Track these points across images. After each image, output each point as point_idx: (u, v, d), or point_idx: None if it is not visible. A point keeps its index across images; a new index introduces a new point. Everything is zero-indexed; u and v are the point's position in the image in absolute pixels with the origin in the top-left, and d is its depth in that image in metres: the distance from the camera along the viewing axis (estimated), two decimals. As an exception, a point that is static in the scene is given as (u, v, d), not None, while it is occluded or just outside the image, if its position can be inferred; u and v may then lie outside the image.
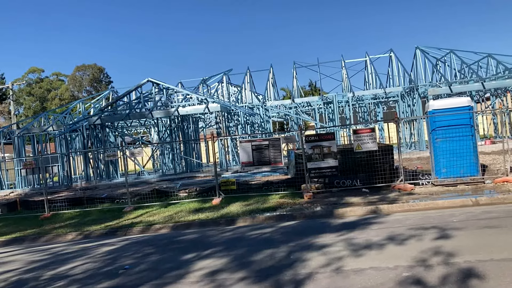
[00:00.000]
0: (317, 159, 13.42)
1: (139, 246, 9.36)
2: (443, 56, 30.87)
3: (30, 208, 16.47)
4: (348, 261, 6.42)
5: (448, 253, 6.27)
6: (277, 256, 7.14)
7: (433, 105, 12.93)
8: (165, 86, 26.97)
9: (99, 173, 26.58)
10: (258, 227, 10.20)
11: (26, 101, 79.62)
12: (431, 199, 11.01)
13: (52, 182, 28.04)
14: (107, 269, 7.49)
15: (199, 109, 25.57)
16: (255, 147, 14.79)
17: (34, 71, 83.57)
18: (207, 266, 6.96)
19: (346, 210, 10.70)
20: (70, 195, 19.98)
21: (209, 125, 36.50)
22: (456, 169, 12.34)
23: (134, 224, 11.90)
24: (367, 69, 34.14)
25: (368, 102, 33.34)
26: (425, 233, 7.65)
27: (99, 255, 8.74)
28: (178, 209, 13.25)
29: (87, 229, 11.98)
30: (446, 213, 9.44)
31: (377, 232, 8.23)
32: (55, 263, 8.44)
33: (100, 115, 26.66)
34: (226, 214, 11.71)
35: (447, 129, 12.37)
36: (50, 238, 11.67)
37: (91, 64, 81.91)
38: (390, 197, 11.82)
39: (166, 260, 7.75)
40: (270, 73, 34.02)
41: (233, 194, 14.15)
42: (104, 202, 15.89)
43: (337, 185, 13.58)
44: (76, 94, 77.75)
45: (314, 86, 63.89)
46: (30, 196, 22.17)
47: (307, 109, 34.63)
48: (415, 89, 28.12)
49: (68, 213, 14.77)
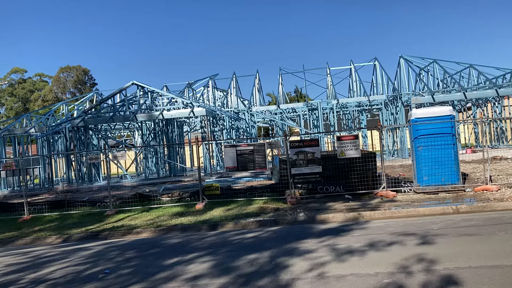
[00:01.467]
0: (301, 165, 13.47)
1: (120, 250, 9.27)
2: (427, 65, 31.36)
3: (9, 210, 16.15)
4: (329, 267, 6.45)
5: (428, 260, 6.35)
6: (259, 262, 7.13)
7: (415, 114, 13.10)
8: (150, 89, 26.84)
9: (81, 176, 26.27)
10: (241, 232, 10.18)
11: (8, 101, 78.40)
12: (413, 206, 11.13)
13: (33, 185, 27.60)
14: (87, 273, 7.39)
15: (184, 113, 25.49)
16: (240, 152, 14.79)
17: (16, 71, 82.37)
18: (189, 271, 6.92)
19: (329, 216, 10.75)
20: (51, 197, 19.69)
21: (194, 129, 36.39)
22: (437, 177, 12.50)
23: (115, 228, 11.77)
24: (352, 77, 34.51)
25: (352, 109, 33.64)
26: (406, 240, 7.73)
27: (79, 259, 8.62)
28: (160, 213, 13.15)
29: (67, 232, 11.81)
30: (427, 221, 9.55)
31: (358, 238, 8.29)
32: (34, 266, 8.30)
33: (83, 117, 26.38)
34: (209, 219, 11.66)
35: (429, 137, 12.54)
36: (29, 241, 11.47)
37: (76, 66, 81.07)
38: (372, 204, 11.92)
39: (147, 264, 7.68)
40: (256, 79, 34.14)
41: (217, 199, 14.10)
42: (85, 206, 15.68)
43: (320, 191, 13.64)
44: (60, 96, 76.83)
45: (299, 92, 64.22)
46: (10, 198, 21.79)
47: (292, 115, 34.80)
48: (399, 98, 28.47)
49: (48, 216, 14.54)
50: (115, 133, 37.38)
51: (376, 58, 32.83)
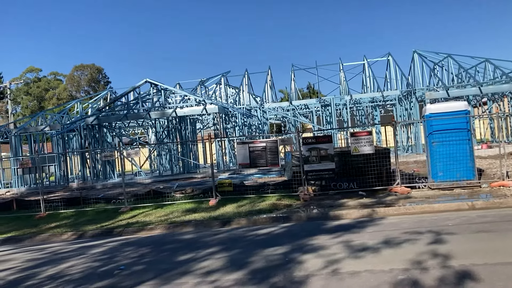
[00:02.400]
0: (314, 162, 13.43)
1: (135, 246, 9.35)
2: (441, 60, 31.00)
3: (26, 207, 16.41)
4: (343, 264, 6.43)
5: (443, 257, 6.29)
6: (272, 258, 7.14)
7: (430, 109, 12.97)
8: (163, 87, 26.97)
9: (96, 173, 26.54)
10: (254, 228, 10.20)
11: (23, 100, 79.46)
12: (427, 202, 11.03)
13: (48, 182, 27.98)
14: (102, 269, 7.47)
15: (197, 110, 25.56)
16: (252, 148, 14.79)
17: (31, 70, 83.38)
18: (202, 267, 6.96)
19: (342, 213, 10.70)
20: (66, 195, 19.95)
21: (206, 126, 36.50)
22: (452, 173, 12.36)
23: (130, 224, 11.88)
24: (365, 73, 34.24)
25: (365, 105, 33.41)
26: (421, 236, 7.67)
27: (95, 255, 8.72)
28: (174, 209, 13.24)
29: (82, 229, 11.95)
30: (442, 217, 9.45)
31: (372, 235, 8.25)
32: (51, 262, 8.42)
33: (97, 115, 26.62)
34: (222, 215, 11.70)
35: (444, 133, 12.40)
36: (45, 238, 11.63)
37: (90, 64, 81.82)
38: (386, 200, 11.84)
39: (161, 260, 7.74)
40: (268, 75, 34.07)
41: (229, 196, 14.14)
42: (100, 202, 15.86)
43: (333, 187, 13.59)
44: (74, 94, 77.64)
45: (312, 88, 63.96)
46: (26, 195, 22.12)
47: (304, 111, 34.68)
48: (413, 93, 28.19)
49: (64, 213, 14.74)
50: (129, 130, 37.64)
51: (390, 53, 32.53)
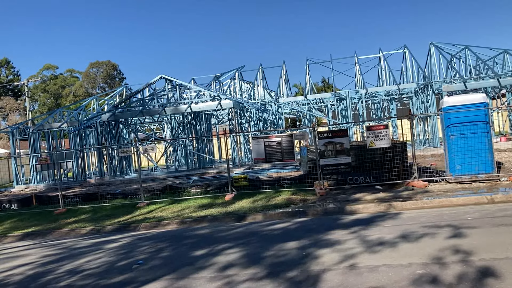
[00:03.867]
0: (329, 156, 13.37)
1: (152, 241, 9.43)
2: (458, 52, 30.47)
3: (45, 203, 16.68)
4: (361, 258, 6.39)
5: (463, 251, 6.20)
6: (289, 253, 7.13)
7: (447, 102, 12.78)
8: (178, 83, 27.07)
9: (113, 169, 26.82)
10: (270, 223, 10.20)
11: (41, 97, 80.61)
12: (445, 196, 10.90)
13: (66, 178, 28.35)
14: (121, 264, 7.56)
15: (212, 105, 25.62)
16: (267, 143, 14.78)
17: (48, 68, 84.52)
18: (219, 261, 6.99)
19: (359, 207, 10.64)
20: (84, 190, 20.21)
21: (221, 121, 36.57)
22: (470, 166, 12.18)
23: (146, 219, 11.99)
24: (381, 66, 33.88)
25: (381, 98, 33.10)
26: (439, 230, 7.58)
27: (113, 250, 8.83)
28: (190, 204, 13.31)
29: (100, 224, 12.10)
30: (461, 211, 9.33)
31: (390, 229, 8.18)
32: (70, 257, 8.55)
33: (113, 111, 26.87)
34: (238, 210, 11.73)
35: (462, 125, 12.22)
36: (64, 233, 11.81)
37: (105, 61, 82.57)
38: (403, 194, 11.73)
39: (179, 255, 7.79)
40: (283, 70, 33.94)
41: (245, 190, 14.16)
42: (117, 198, 16.02)
43: (350, 182, 13.51)
44: (90, 91, 78.46)
45: (327, 82, 63.64)
46: (45, 191, 22.48)
47: (319, 105, 34.50)
48: (429, 86, 27.82)
49: (82, 209, 14.93)
50: (145, 126, 37.92)
51: (406, 45, 32.15)
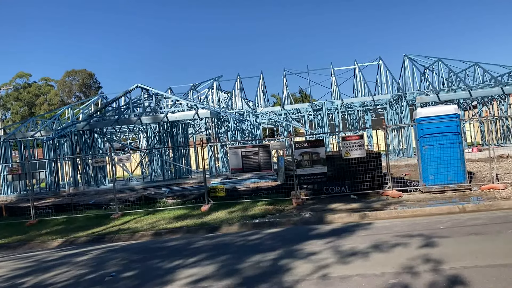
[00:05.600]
0: (306, 166, 13.44)
1: (126, 253, 9.27)
2: (431, 64, 31.20)
3: (16, 214, 16.25)
4: (334, 268, 6.42)
5: (435, 260, 6.30)
6: (264, 264, 7.11)
7: (420, 113, 13.04)
8: (154, 92, 26.89)
9: (87, 179, 26.35)
10: (246, 233, 10.16)
11: (13, 106, 78.75)
12: (419, 206, 11.07)
13: (39, 188, 27.72)
14: (93, 276, 7.40)
15: (189, 115, 25.51)
16: (245, 153, 14.77)
17: (22, 76, 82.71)
18: (193, 274, 6.91)
19: (334, 217, 10.70)
20: (57, 201, 19.77)
21: (198, 131, 36.42)
22: (443, 176, 12.42)
23: (121, 230, 11.79)
24: (356, 77, 34.38)
25: (357, 109, 33.56)
26: (412, 240, 7.68)
27: (85, 262, 8.63)
28: (165, 215, 13.16)
29: (73, 235, 11.84)
30: (433, 220, 9.49)
31: (364, 239, 8.25)
32: (40, 270, 8.32)
33: (88, 120, 26.48)
34: (214, 221, 11.65)
35: (435, 136, 12.47)
36: (35, 245, 11.51)
37: (81, 70, 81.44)
38: (378, 203, 11.86)
39: (152, 267, 7.68)
40: (261, 80, 34.11)
41: (222, 201, 14.09)
42: (91, 209, 15.74)
43: (326, 191, 13.60)
44: (65, 100, 77.18)
45: (304, 93, 64.12)
46: (16, 202, 21.89)
47: (297, 115, 34.76)
48: (403, 97, 28.35)
49: (54, 220, 14.59)
50: (121, 136, 37.49)
51: (381, 57, 32.72)
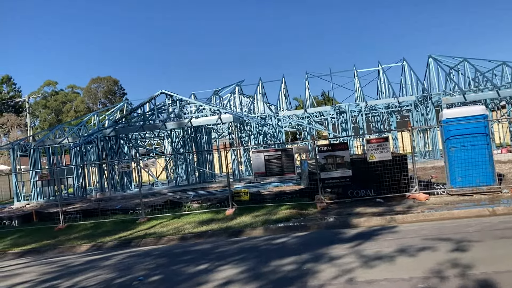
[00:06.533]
0: (330, 169, 13.36)
1: (152, 257, 9.38)
2: (457, 64, 30.59)
3: (46, 219, 16.62)
4: (361, 272, 6.35)
5: (465, 265, 6.16)
6: (289, 267, 7.08)
7: (446, 114, 12.82)
8: (178, 98, 27.19)
9: (114, 184, 26.78)
10: (271, 237, 10.15)
11: (41, 113, 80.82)
12: (447, 209, 10.86)
13: (67, 194, 28.30)
14: (121, 281, 7.51)
15: (212, 120, 25.69)
16: (267, 157, 14.78)
17: (49, 84, 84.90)
18: (220, 278, 6.94)
19: (360, 221, 10.60)
20: (85, 206, 20.15)
21: (222, 135, 36.62)
22: (471, 178, 12.16)
23: (147, 235, 11.94)
24: (380, 78, 34.02)
25: (381, 111, 33.17)
26: (440, 244, 7.54)
27: (113, 266, 8.77)
28: (191, 219, 13.26)
29: (101, 240, 12.05)
30: (462, 223, 9.29)
31: (390, 242, 8.14)
32: (70, 274, 8.49)
33: (114, 127, 26.94)
34: (238, 225, 11.68)
35: (462, 138, 12.23)
36: (64, 249, 11.76)
37: (106, 77, 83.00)
38: (404, 207, 11.69)
39: (179, 271, 7.74)
40: (283, 84, 34.07)
41: (246, 205, 14.12)
42: (118, 214, 15.97)
43: (350, 195, 13.47)
44: (91, 106, 78.73)
45: (326, 95, 63.83)
46: (46, 207, 22.42)
47: (320, 119, 34.56)
48: (429, 98, 27.90)
49: (82, 225, 14.88)
50: (146, 141, 37.98)
51: (404, 58, 32.28)
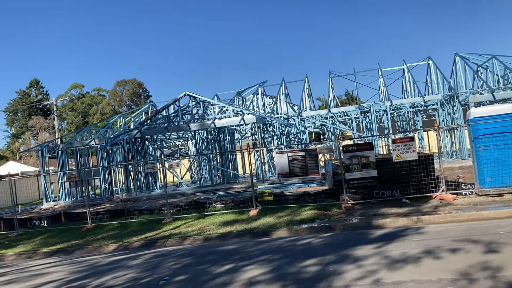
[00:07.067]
0: (355, 170, 13.23)
1: (178, 257, 9.47)
2: (485, 62, 29.87)
3: (74, 220, 16.99)
4: (387, 274, 6.26)
5: (495, 267, 6.01)
6: (314, 268, 7.05)
7: (474, 113, 12.53)
8: (201, 99, 27.41)
9: (139, 185, 27.17)
10: (295, 238, 10.12)
11: (69, 116, 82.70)
12: (475, 209, 10.61)
13: (94, 195, 28.85)
14: (147, 280, 7.60)
15: (235, 121, 25.79)
16: (291, 158, 14.75)
17: (75, 87, 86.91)
18: (244, 278, 6.95)
19: (386, 221, 10.46)
20: (111, 207, 20.50)
21: (245, 136, 36.71)
22: (501, 178, 11.85)
23: (172, 235, 12.06)
24: (405, 77, 33.54)
25: (406, 110, 32.68)
26: (469, 245, 7.37)
27: (139, 266, 8.89)
28: (215, 220, 13.34)
29: (127, 240, 12.24)
30: (492, 225, 9.07)
31: (417, 244, 8.00)
32: (97, 273, 8.65)
33: (140, 128, 27.33)
34: (263, 226, 11.68)
35: (491, 137, 11.94)
36: (92, 249, 11.99)
37: (131, 79, 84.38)
38: (431, 207, 11.49)
39: (204, 271, 7.79)
40: (306, 83, 33.94)
41: (270, 205, 14.11)
42: (144, 214, 16.19)
43: (376, 195, 13.31)
44: (117, 109, 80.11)
45: (350, 95, 63.30)
46: (73, 208, 22.90)
47: (343, 118, 34.29)
48: (455, 97, 27.35)
49: (109, 225, 15.14)
50: (170, 142, 38.42)
51: (430, 57, 31.74)
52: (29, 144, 72.29)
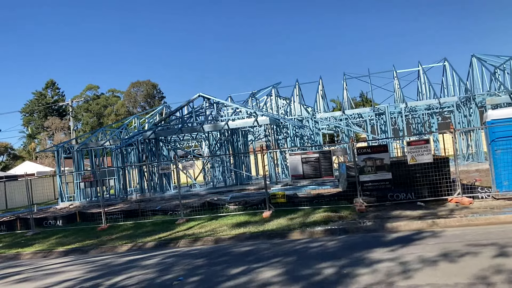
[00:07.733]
0: (369, 172, 13.13)
1: (191, 257, 9.50)
2: (502, 63, 29.45)
3: (88, 220, 17.17)
4: (402, 277, 6.20)
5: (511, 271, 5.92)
6: (328, 271, 7.00)
7: (492, 115, 12.35)
8: (215, 101, 27.49)
9: (153, 185, 27.33)
10: (308, 240, 10.08)
11: (84, 117, 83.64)
12: (492, 213, 10.45)
13: (108, 195, 29.11)
14: (161, 280, 7.64)
15: (248, 122, 25.81)
16: (305, 160, 14.69)
17: (91, 88, 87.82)
18: (257, 279, 6.94)
19: (400, 224, 10.36)
20: (126, 207, 20.64)
21: (258, 138, 36.68)
22: (519, 182, 11.65)
23: (186, 236, 12.10)
24: (420, 79, 33.23)
25: (421, 112, 32.35)
26: (486, 249, 7.26)
27: (153, 266, 8.94)
28: (228, 221, 13.35)
29: (141, 240, 12.31)
30: (509, 229, 8.92)
31: (433, 247, 7.91)
32: (112, 273, 8.72)
33: (154, 129, 27.51)
34: (276, 227, 11.66)
35: (508, 139, 11.74)
36: (106, 249, 12.09)
37: (145, 81, 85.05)
38: (446, 211, 11.34)
39: (217, 272, 7.80)
40: (320, 85, 33.83)
41: (283, 207, 14.08)
42: (157, 214, 16.29)
43: (390, 198, 13.20)
44: (131, 110, 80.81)
45: (365, 97, 62.90)
46: (88, 208, 23.12)
47: (358, 120, 34.08)
48: (472, 99, 27.00)
49: (123, 225, 15.25)
50: (184, 143, 38.58)
51: (446, 58, 31.42)
52: (45, 145, 73.28)
